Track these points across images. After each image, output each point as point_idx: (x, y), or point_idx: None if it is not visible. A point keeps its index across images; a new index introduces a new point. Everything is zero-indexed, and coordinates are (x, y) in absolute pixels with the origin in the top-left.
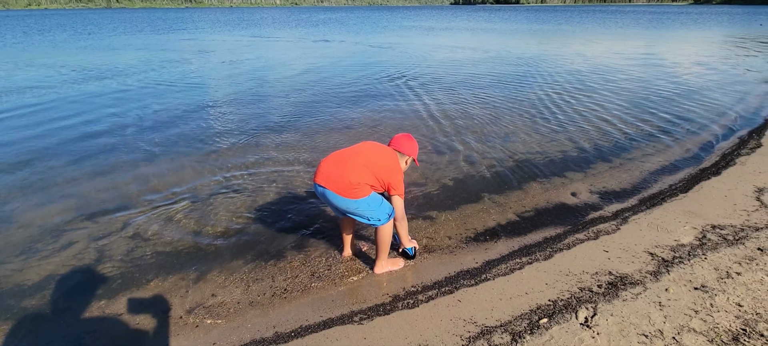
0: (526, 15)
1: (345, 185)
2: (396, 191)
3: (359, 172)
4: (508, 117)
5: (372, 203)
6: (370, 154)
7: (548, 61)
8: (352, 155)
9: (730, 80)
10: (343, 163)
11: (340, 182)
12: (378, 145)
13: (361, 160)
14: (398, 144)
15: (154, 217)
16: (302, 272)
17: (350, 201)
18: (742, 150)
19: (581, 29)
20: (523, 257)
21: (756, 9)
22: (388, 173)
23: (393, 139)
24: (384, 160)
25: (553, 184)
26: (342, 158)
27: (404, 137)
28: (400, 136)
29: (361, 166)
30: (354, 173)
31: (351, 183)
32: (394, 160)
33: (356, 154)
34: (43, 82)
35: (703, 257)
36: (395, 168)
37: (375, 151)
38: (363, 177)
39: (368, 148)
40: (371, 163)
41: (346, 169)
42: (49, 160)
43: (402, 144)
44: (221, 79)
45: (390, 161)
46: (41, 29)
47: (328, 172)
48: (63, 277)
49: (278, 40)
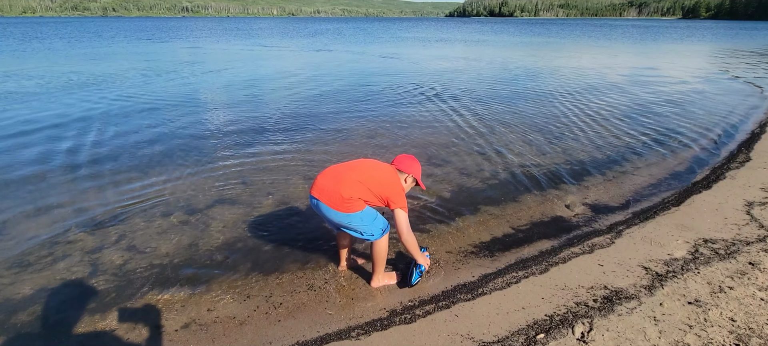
0: (519, 27)
1: (337, 199)
2: (396, 204)
3: (352, 186)
4: (501, 128)
5: (365, 218)
6: (365, 169)
7: (540, 74)
8: (346, 170)
9: (718, 93)
10: (337, 177)
11: (333, 196)
12: (376, 162)
13: (355, 176)
14: (399, 162)
15: (149, 228)
16: (298, 287)
17: (343, 215)
18: (731, 164)
19: (572, 42)
20: (519, 271)
21: (742, 23)
22: (384, 188)
23: (395, 158)
24: (380, 174)
25: (548, 196)
26: (337, 172)
27: (405, 157)
28: (402, 156)
29: (354, 182)
30: (347, 187)
31: (343, 197)
32: (391, 176)
33: (351, 169)
34: (36, 90)
35: (696, 272)
36: (393, 182)
37: (371, 167)
38: (356, 192)
39: (365, 164)
40: (366, 179)
41: (339, 183)
42: (44, 169)
43: (402, 163)
44: (221, 88)
45: (387, 176)
46: (53, 36)
47: (323, 185)
48: (55, 291)
49: (281, 50)
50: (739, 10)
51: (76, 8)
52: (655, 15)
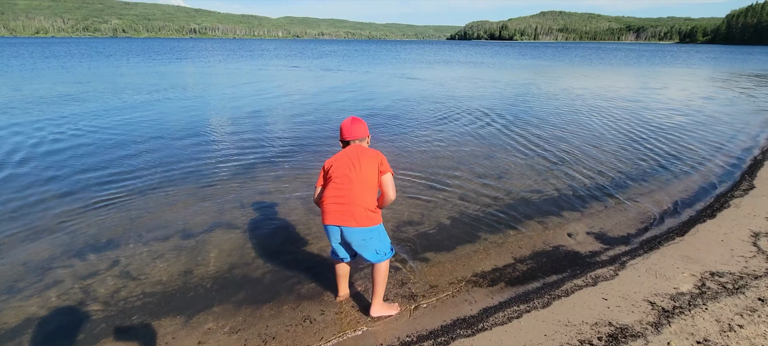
0: (520, 50)
1: (362, 214)
2: (387, 167)
3: (365, 193)
4: (501, 153)
5: (382, 234)
6: (354, 172)
7: (540, 97)
8: (347, 184)
9: (720, 117)
10: (347, 199)
11: (357, 213)
12: (346, 159)
13: (357, 187)
14: (358, 133)
15: (143, 254)
16: (294, 319)
17: (367, 230)
18: (735, 192)
19: (571, 65)
20: (521, 305)
21: (739, 48)
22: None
23: (347, 131)
24: (365, 161)
25: (550, 224)
26: (343, 194)
27: (355, 124)
28: (352, 127)
29: (362, 189)
30: (360, 197)
31: (367, 208)
32: (369, 152)
33: (349, 182)
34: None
35: (703, 308)
36: (373, 153)
37: (354, 165)
38: (371, 194)
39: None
40: (364, 177)
41: (354, 198)
42: (39, 190)
43: (359, 131)
44: (229, 108)
45: (366, 154)
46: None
47: (340, 210)
48: (44, 319)
49: (291, 70)
50: (735, 35)
51: (88, 29)
52: (653, 39)
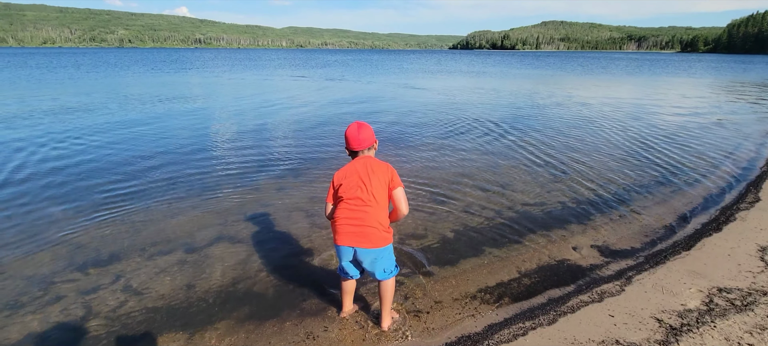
0: (522, 60)
1: (376, 235)
2: (398, 182)
3: (379, 213)
4: (505, 164)
5: (391, 252)
6: (366, 193)
7: (544, 107)
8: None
9: (723, 127)
10: (361, 222)
11: (373, 235)
12: (356, 178)
13: (372, 209)
14: (366, 141)
15: (147, 267)
16: (297, 334)
17: (380, 250)
18: (740, 204)
19: (573, 75)
20: (526, 321)
21: (740, 57)
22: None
23: (355, 141)
24: (376, 178)
25: (554, 237)
26: (356, 219)
27: (362, 131)
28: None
29: (376, 211)
30: (374, 219)
31: (381, 228)
32: (377, 166)
33: (363, 205)
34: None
35: (711, 325)
36: (384, 168)
37: (366, 185)
38: (384, 212)
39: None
40: (376, 197)
41: (367, 223)
42: (42, 202)
43: (367, 138)
44: (233, 119)
45: (376, 170)
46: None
47: (355, 232)
48: (47, 335)
49: (295, 80)
50: (736, 45)
51: (94, 39)
52: (654, 48)
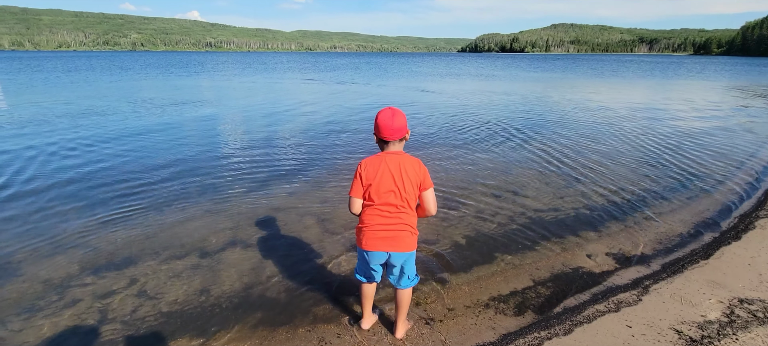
0: (531, 63)
1: (406, 239)
2: (429, 183)
3: (411, 217)
4: (517, 169)
5: (414, 258)
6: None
7: (553, 110)
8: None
9: (739, 132)
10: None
11: (404, 239)
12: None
13: (406, 215)
14: (400, 130)
15: (160, 272)
16: (310, 340)
17: (409, 254)
18: (759, 212)
19: (584, 77)
20: (541, 331)
21: (756, 60)
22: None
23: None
24: (408, 180)
25: (568, 244)
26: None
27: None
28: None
29: (410, 216)
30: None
31: (412, 230)
32: (410, 164)
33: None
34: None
35: (733, 338)
36: (417, 167)
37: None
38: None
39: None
40: (409, 202)
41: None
42: (57, 205)
43: (401, 126)
44: (244, 123)
45: (408, 170)
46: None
47: (386, 236)
48: (61, 340)
49: (306, 83)
50: (750, 47)
51: (108, 43)
52: (666, 51)
